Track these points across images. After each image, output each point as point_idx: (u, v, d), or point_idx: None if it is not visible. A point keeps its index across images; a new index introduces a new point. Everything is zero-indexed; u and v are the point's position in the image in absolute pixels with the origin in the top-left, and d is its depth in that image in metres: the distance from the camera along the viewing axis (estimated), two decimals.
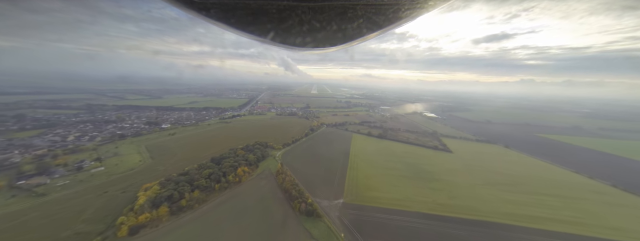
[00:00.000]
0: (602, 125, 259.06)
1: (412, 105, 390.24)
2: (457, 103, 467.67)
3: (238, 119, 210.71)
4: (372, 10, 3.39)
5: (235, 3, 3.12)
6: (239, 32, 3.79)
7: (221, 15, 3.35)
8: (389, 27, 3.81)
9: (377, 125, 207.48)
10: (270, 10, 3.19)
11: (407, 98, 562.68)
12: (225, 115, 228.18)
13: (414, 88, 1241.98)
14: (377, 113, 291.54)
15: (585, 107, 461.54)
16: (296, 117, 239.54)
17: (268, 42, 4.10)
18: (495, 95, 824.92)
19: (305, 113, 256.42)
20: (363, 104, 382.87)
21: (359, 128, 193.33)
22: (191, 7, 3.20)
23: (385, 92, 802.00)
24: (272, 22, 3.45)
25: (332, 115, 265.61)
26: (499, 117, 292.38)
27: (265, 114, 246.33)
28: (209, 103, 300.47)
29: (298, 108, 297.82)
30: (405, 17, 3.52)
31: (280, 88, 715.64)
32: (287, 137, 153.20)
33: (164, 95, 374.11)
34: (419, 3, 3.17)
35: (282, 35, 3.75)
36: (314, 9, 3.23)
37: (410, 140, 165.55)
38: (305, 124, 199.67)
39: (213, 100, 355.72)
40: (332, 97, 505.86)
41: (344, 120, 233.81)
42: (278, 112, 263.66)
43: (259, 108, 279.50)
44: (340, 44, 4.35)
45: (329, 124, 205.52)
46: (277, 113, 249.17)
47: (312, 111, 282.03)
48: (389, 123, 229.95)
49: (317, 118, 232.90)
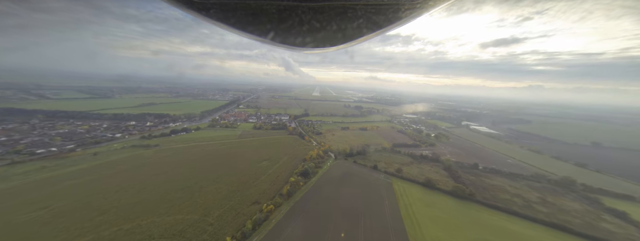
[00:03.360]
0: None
1: (444, 113, 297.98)
2: (494, 111, 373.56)
3: (177, 138, 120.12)
4: (372, 10, 3.38)
5: (235, 3, 3.15)
6: (239, 32, 3.75)
7: (221, 15, 3.33)
8: (389, 27, 3.79)
9: (427, 156, 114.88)
10: (270, 10, 3.21)
11: (423, 102, 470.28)
12: (166, 128, 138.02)
13: (423, 92, 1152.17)
14: (405, 126, 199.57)
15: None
16: (284, 132, 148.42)
17: (268, 42, 4.03)
18: (512, 101, 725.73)
19: (301, 125, 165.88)
20: (378, 110, 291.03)
21: (399, 163, 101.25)
22: (191, 7, 3.20)
23: (395, 95, 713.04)
24: (272, 22, 3.42)
25: (341, 128, 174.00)
26: (578, 133, 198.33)
27: (236, 127, 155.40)
28: (170, 107, 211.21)
29: (292, 116, 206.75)
30: (405, 17, 3.54)
31: (279, 89, 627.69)
32: (239, 202, 62.74)
33: (120, 95, 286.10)
34: (419, 3, 3.19)
35: (282, 35, 3.69)
36: (314, 9, 3.23)
37: (538, 211, 73.64)
38: (296, 151, 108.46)
39: (182, 102, 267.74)
40: (338, 101, 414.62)
41: (363, 138, 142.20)
42: (259, 122, 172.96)
43: (232, 117, 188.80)
44: (340, 44, 4.24)
45: (341, 152, 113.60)
46: (255, 127, 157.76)
47: (311, 122, 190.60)
48: (439, 147, 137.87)
49: (319, 136, 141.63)
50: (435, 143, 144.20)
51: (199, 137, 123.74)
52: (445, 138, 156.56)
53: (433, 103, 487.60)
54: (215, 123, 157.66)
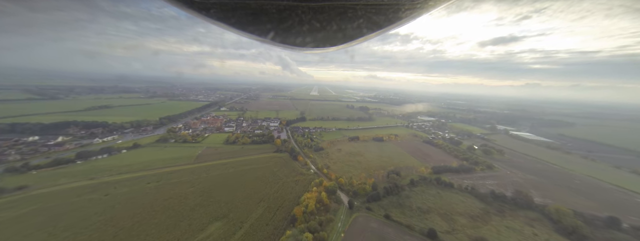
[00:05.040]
0: None
1: (463, 114, 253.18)
2: (516, 110, 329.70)
3: (78, 169, 72.77)
4: (372, 10, 3.37)
5: (235, 3, 3.14)
6: (239, 32, 3.72)
7: (221, 15, 3.31)
8: (389, 27, 3.79)
9: (505, 196, 68.65)
10: (270, 10, 3.21)
11: (430, 102, 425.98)
12: (81, 146, 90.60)
13: (424, 91, 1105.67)
14: (430, 133, 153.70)
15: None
16: (270, 148, 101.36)
17: (268, 42, 4.01)
18: (518, 99, 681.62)
19: (294, 136, 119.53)
20: (387, 112, 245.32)
21: (467, 216, 55.24)
22: (191, 7, 3.19)
23: (398, 93, 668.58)
24: (272, 22, 3.41)
25: (349, 139, 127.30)
26: (628, 137, 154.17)
27: (200, 141, 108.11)
28: (126, 111, 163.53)
29: (284, 121, 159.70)
30: (405, 17, 3.52)
31: (275, 89, 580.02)
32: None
33: (75, 95, 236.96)
34: (419, 3, 3.19)
35: (282, 35, 3.69)
36: (314, 9, 3.22)
37: None
38: (282, 190, 61.61)
39: (151, 104, 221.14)
40: (338, 101, 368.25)
41: (383, 157, 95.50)
42: (238, 131, 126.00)
43: (202, 124, 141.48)
44: (340, 44, 4.23)
45: (357, 189, 66.89)
46: (229, 141, 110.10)
47: (308, 130, 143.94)
48: (502, 170, 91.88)
49: (320, 154, 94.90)
50: (490, 162, 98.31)
51: (120, 165, 76.31)
52: (498, 154, 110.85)
53: (441, 102, 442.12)
54: (172, 135, 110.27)
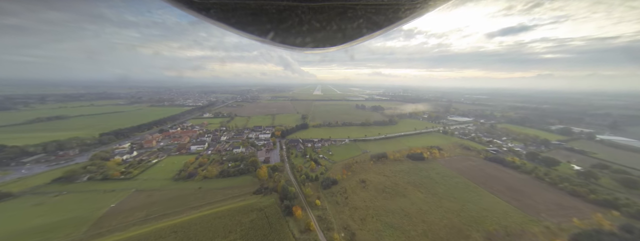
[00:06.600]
0: None
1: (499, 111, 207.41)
2: (561, 104, 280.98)
3: None
4: (372, 10, 3.38)
5: (235, 3, 3.14)
6: (239, 32, 3.72)
7: (221, 15, 3.31)
8: (389, 27, 3.81)
9: None
10: (270, 10, 3.21)
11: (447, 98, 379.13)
12: None
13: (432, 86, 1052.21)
14: (483, 143, 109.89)
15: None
16: (247, 186, 59.88)
17: (268, 42, 4.01)
18: (539, 91, 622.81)
19: (289, 158, 78.18)
20: (408, 114, 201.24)
21: None
22: (191, 7, 3.18)
23: (407, 90, 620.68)
24: (272, 22, 3.41)
25: (371, 158, 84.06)
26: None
27: (134, 175, 67.26)
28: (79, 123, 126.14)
29: (279, 131, 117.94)
30: (405, 17, 3.54)
31: (276, 89, 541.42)
32: None
33: (37, 104, 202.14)
34: (419, 3, 3.20)
35: (282, 35, 3.69)
36: (314, 9, 3.22)
37: None
38: None
39: (125, 111, 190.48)
40: (345, 100, 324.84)
41: (450, 205, 51.87)
42: (206, 153, 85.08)
43: (161, 140, 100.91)
44: (340, 44, 4.25)
45: None
46: (183, 173, 69.01)
47: (312, 144, 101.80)
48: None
49: (331, 199, 52.73)
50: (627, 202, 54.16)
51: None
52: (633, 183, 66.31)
53: (460, 97, 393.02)
54: (91, 167, 69.49)
